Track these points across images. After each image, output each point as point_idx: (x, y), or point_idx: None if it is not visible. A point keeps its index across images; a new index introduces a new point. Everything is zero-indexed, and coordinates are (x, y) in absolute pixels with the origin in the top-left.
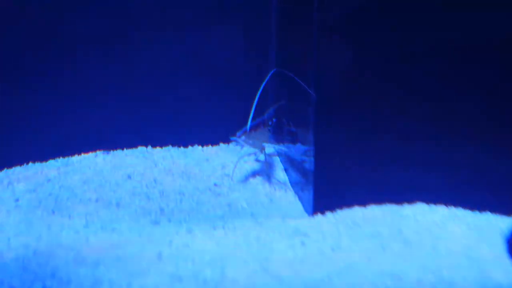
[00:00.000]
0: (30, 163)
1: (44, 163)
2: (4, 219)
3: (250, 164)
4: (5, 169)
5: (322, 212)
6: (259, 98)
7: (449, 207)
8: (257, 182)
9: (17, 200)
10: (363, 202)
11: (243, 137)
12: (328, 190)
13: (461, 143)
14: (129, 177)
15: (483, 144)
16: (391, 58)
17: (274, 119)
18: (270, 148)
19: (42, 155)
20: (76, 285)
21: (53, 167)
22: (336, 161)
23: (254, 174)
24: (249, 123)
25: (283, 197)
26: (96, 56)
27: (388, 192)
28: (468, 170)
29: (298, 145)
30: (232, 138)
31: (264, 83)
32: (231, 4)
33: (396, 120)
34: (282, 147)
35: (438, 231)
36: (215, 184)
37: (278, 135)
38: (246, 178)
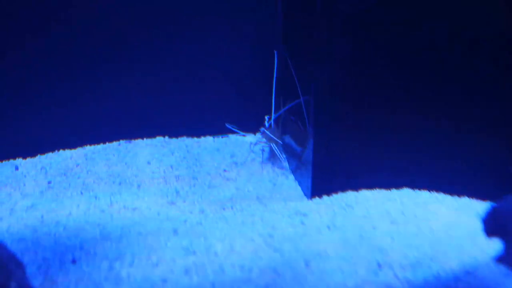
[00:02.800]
0: (61, 150)
1: (73, 150)
2: (38, 199)
3: (257, 154)
4: (38, 155)
5: (319, 196)
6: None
7: (432, 192)
8: (262, 168)
9: (49, 182)
10: (355, 187)
11: (268, 130)
12: (324, 177)
13: (442, 137)
14: (148, 163)
15: (462, 138)
16: (382, 62)
17: (291, 117)
18: (275, 139)
19: (72, 143)
20: (102, 257)
21: (81, 154)
22: (332, 152)
23: (260, 162)
24: (273, 117)
25: (285, 182)
26: (121, 55)
27: (378, 179)
28: (449, 160)
29: (299, 137)
30: (262, 129)
31: (275, 75)
32: (240, 11)
33: (385, 117)
34: (285, 138)
35: (421, 213)
36: (224, 170)
37: (284, 128)
38: (252, 166)
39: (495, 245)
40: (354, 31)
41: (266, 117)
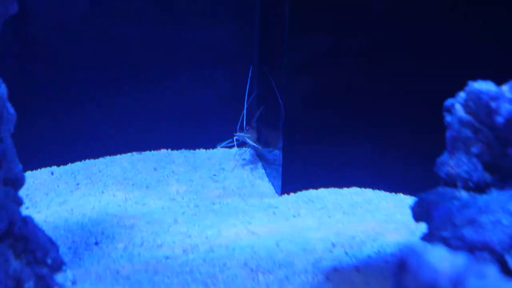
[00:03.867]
0: (87, 160)
1: (96, 160)
2: (69, 197)
3: (239, 161)
4: (69, 164)
5: (288, 193)
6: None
7: (375, 190)
8: (243, 173)
9: (77, 184)
10: (315, 186)
11: (242, 134)
12: (291, 178)
13: (382, 145)
14: (155, 169)
15: (399, 146)
16: (331, 89)
17: (254, 124)
18: (252, 148)
19: (95, 154)
20: (118, 240)
21: (102, 162)
22: (297, 159)
23: (241, 167)
24: (244, 123)
25: (261, 183)
26: (138, 78)
27: (333, 179)
28: (387, 164)
29: (271, 147)
30: (235, 134)
31: (246, 103)
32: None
33: (336, 132)
34: (260, 147)
35: (366, 206)
36: (214, 175)
37: (258, 136)
38: (235, 171)
39: (422, 228)
40: (313, 72)
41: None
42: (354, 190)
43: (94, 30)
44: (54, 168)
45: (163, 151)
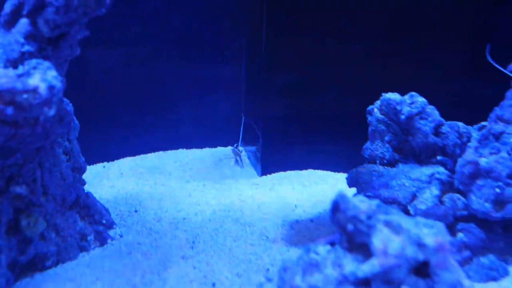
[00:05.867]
0: (126, 157)
1: (133, 157)
2: (116, 182)
3: (233, 157)
4: (115, 160)
5: (265, 175)
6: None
7: (325, 171)
8: (235, 164)
9: (122, 174)
10: (284, 170)
11: (236, 147)
12: (267, 165)
13: (328, 140)
14: (175, 162)
15: (340, 137)
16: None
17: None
18: (242, 148)
19: (133, 153)
20: (151, 208)
21: (138, 159)
22: (271, 152)
23: (235, 161)
24: (240, 140)
25: (248, 170)
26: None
27: (296, 165)
28: (333, 152)
29: (255, 146)
30: (232, 147)
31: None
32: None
33: (299, 132)
34: (247, 147)
35: (318, 181)
36: (215, 164)
37: (246, 141)
38: (229, 163)
39: (353, 191)
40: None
41: (236, 144)
42: (311, 171)
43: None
44: (105, 163)
45: (180, 150)
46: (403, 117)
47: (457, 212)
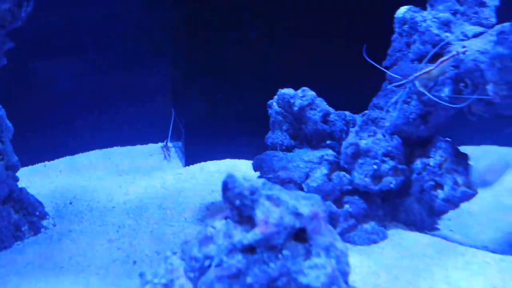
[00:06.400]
0: (67, 156)
1: (72, 156)
2: (54, 178)
3: (161, 152)
4: (56, 159)
5: (188, 165)
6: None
7: (239, 159)
8: (164, 159)
9: (60, 171)
10: (205, 160)
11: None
12: (190, 157)
13: (240, 133)
14: (109, 158)
15: (249, 133)
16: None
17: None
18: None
19: (73, 152)
20: (84, 200)
21: (76, 158)
22: (194, 146)
23: (164, 156)
24: (169, 137)
25: (175, 163)
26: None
27: (214, 156)
28: (244, 145)
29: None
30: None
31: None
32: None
33: (216, 127)
34: (175, 143)
35: (233, 168)
36: (146, 159)
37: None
38: (160, 156)
39: (257, 174)
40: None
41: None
42: (227, 160)
43: None
44: (46, 162)
45: (115, 147)
46: (296, 108)
47: (343, 187)
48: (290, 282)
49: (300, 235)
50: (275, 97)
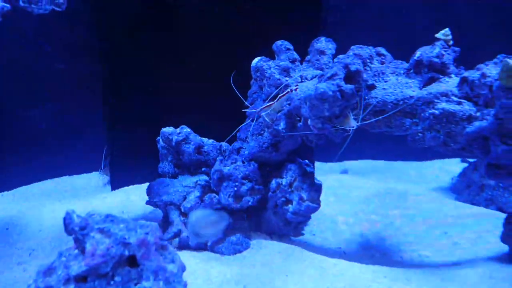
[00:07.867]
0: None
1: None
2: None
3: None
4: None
5: (115, 189)
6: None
7: None
8: (100, 181)
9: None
10: (128, 185)
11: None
12: (116, 182)
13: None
14: (55, 186)
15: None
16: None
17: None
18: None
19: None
20: (18, 226)
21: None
22: (119, 171)
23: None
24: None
25: (107, 187)
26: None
27: (139, 180)
28: None
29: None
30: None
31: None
32: None
33: (143, 155)
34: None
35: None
36: (82, 187)
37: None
38: (97, 181)
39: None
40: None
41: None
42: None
43: None
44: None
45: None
46: (173, 143)
47: (214, 206)
48: None
49: (134, 261)
50: (161, 133)
